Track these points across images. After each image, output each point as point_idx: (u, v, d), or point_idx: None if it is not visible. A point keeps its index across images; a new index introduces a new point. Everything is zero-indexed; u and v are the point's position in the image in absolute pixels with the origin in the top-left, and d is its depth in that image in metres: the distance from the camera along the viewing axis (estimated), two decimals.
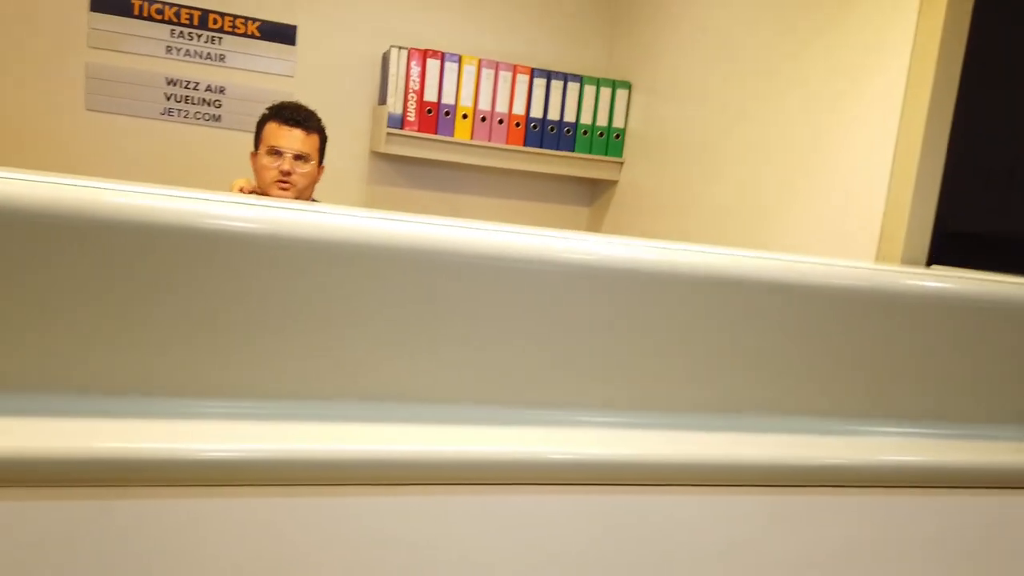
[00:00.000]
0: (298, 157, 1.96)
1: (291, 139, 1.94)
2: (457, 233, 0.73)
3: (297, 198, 1.95)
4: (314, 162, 1.99)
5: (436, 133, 2.44)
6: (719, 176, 2.03)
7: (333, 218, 0.70)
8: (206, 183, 2.47)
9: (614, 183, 2.67)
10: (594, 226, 2.80)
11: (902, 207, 1.41)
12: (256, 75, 2.51)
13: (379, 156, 2.61)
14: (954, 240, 1.48)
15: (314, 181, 2.02)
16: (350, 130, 2.59)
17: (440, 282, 0.72)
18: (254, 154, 2.01)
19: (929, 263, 1.43)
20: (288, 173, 1.94)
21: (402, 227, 0.72)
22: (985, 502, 0.91)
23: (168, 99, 2.45)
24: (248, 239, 0.67)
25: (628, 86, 2.61)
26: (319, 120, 2.02)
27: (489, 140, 2.51)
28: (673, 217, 2.26)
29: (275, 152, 1.95)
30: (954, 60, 1.43)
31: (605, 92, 2.61)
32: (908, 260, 1.39)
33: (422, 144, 2.43)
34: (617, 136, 2.63)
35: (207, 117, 2.48)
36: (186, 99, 2.46)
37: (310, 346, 0.70)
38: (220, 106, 2.49)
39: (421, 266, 0.71)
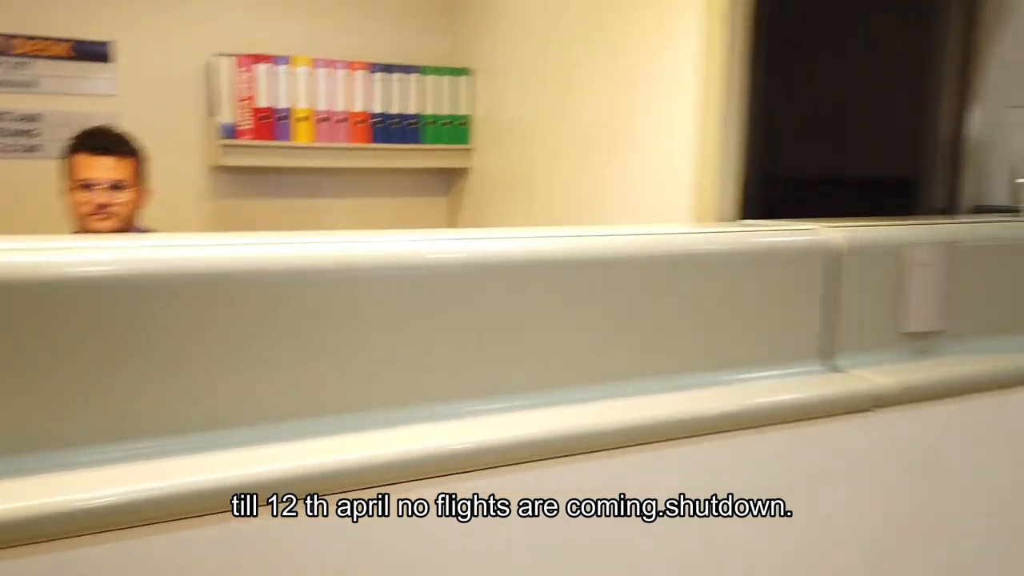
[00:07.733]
0: (114, 186, 1.83)
1: (103, 169, 1.81)
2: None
3: (120, 228, 1.84)
4: (133, 188, 1.87)
5: (274, 139, 2.37)
6: (557, 156, 2.06)
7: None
8: (27, 218, 2.32)
9: (467, 170, 2.67)
10: (452, 215, 2.80)
11: (712, 164, 1.46)
12: (74, 98, 2.37)
13: (219, 169, 2.51)
14: (767, 187, 1.55)
15: (136, 207, 1.91)
16: (185, 145, 2.48)
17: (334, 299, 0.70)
18: (67, 189, 1.87)
19: (745, 214, 1.50)
20: (105, 206, 1.81)
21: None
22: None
23: None
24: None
25: (468, 72, 2.61)
26: (132, 142, 1.89)
27: (333, 141, 2.46)
28: (522, 200, 2.29)
29: (87, 186, 1.82)
30: (746, 14, 1.48)
31: (448, 81, 2.60)
32: (722, 214, 1.45)
33: (261, 152, 2.36)
34: (463, 124, 2.63)
35: (22, 148, 2.32)
36: None
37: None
38: (38, 135, 2.34)
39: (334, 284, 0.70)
